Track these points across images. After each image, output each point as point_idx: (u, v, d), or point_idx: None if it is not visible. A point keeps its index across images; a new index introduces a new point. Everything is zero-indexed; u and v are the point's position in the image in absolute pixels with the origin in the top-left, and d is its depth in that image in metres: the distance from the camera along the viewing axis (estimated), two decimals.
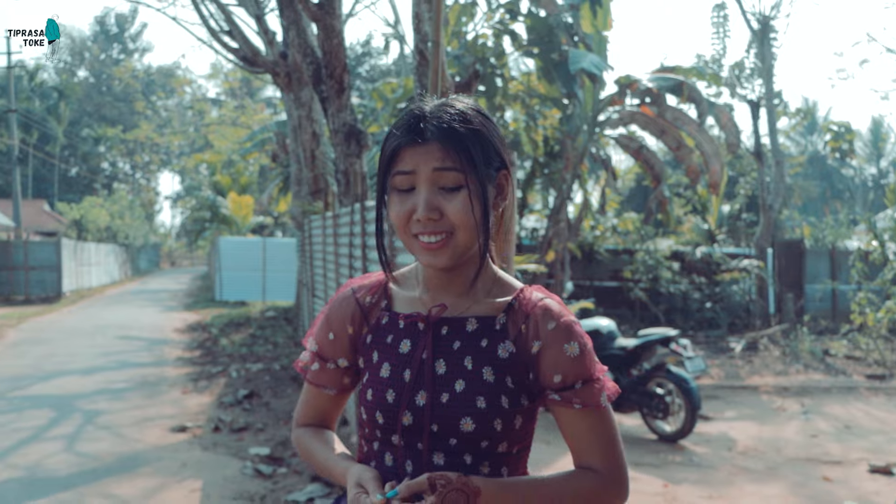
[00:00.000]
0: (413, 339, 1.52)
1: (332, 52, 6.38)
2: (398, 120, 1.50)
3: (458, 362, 1.48)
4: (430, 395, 1.46)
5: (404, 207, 1.46)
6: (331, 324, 1.61)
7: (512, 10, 15.25)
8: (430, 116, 1.46)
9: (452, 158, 1.42)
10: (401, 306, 1.58)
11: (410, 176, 1.44)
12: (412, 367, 1.49)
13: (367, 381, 1.54)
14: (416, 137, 1.44)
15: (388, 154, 1.47)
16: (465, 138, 1.44)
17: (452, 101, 1.51)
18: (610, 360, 7.71)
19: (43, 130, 46.87)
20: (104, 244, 36.17)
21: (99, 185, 57.00)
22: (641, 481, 6.13)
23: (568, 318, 1.50)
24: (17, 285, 27.47)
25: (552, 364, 1.47)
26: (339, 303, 1.62)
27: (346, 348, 1.60)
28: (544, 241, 15.69)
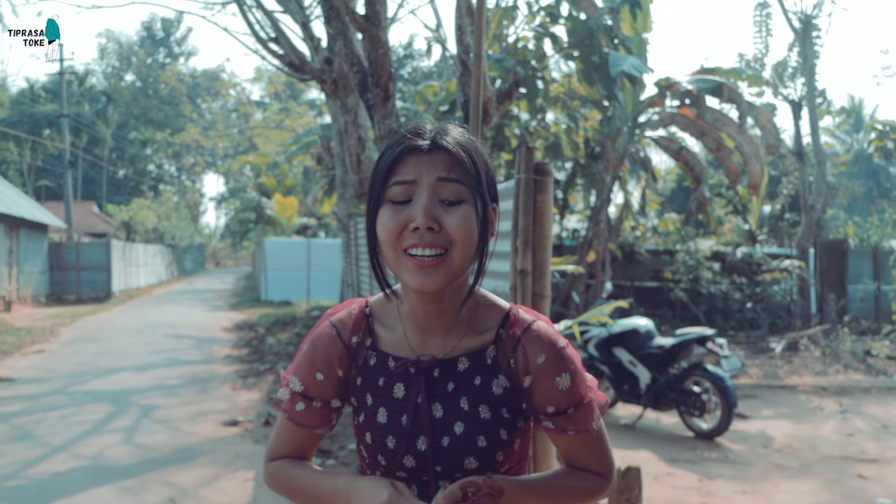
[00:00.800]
0: (406, 383, 1.49)
1: (378, 62, 6.64)
2: (397, 133, 1.46)
3: (454, 404, 1.47)
4: (430, 440, 1.45)
5: (398, 219, 1.39)
6: (316, 365, 1.54)
7: (552, 14, 15.42)
8: (439, 129, 1.44)
9: (458, 170, 1.39)
10: (386, 345, 1.53)
11: (410, 186, 1.39)
12: (408, 412, 1.47)
13: (363, 423, 1.52)
14: (421, 145, 1.40)
15: (387, 162, 1.41)
16: (472, 153, 1.42)
17: (453, 124, 1.49)
18: (648, 358, 7.89)
19: (92, 134, 47.89)
20: (151, 245, 36.92)
21: (145, 186, 58.07)
22: (677, 476, 6.31)
23: (557, 346, 1.49)
24: (69, 285, 28.21)
25: (544, 397, 1.47)
26: (324, 343, 1.55)
27: (337, 389, 1.55)
28: (585, 242, 15.85)
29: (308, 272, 24.03)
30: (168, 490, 5.61)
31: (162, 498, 5.45)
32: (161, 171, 63.29)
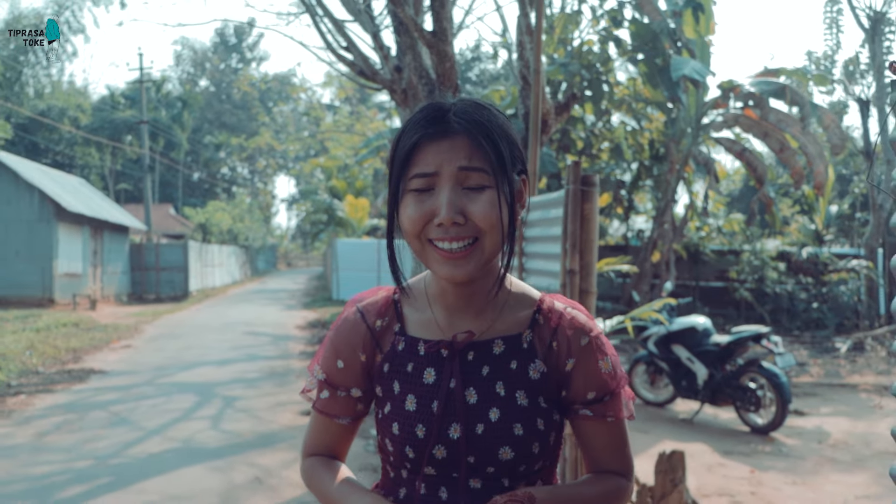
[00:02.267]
0: (437, 368, 1.42)
1: (445, 75, 7.08)
2: (414, 115, 1.38)
3: (489, 389, 1.41)
4: (463, 427, 1.38)
5: (421, 210, 1.33)
6: (339, 351, 1.50)
7: (616, 18, 15.69)
8: (456, 109, 1.35)
9: (480, 156, 1.32)
10: (415, 329, 1.47)
11: (431, 178, 1.33)
12: (440, 398, 1.40)
13: (390, 413, 1.44)
14: (440, 131, 1.33)
15: (405, 151, 1.34)
16: (494, 133, 1.34)
17: (474, 99, 1.40)
18: (705, 355, 8.17)
19: (168, 138, 49.44)
20: (226, 246, 38.07)
21: (219, 189, 59.68)
22: (729, 467, 6.60)
23: (598, 331, 1.47)
24: (149, 285, 29.36)
25: (586, 381, 1.44)
26: (347, 328, 1.50)
27: (360, 377, 1.50)
28: (649, 243, 16.08)
29: (378, 272, 24.62)
30: (253, 470, 6.14)
31: (248, 476, 5.97)
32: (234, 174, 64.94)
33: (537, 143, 5.07)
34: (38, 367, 11.05)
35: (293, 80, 62.82)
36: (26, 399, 8.86)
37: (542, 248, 4.07)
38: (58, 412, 8.20)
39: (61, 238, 23.26)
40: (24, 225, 22.62)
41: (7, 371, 10.39)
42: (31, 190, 22.73)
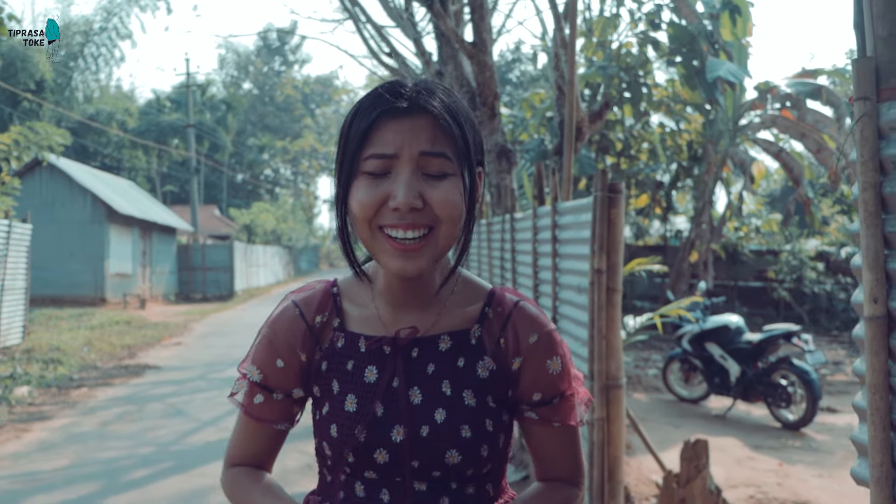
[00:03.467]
0: (379, 365, 1.33)
1: (485, 84, 7.42)
2: (372, 90, 1.27)
3: (434, 389, 1.31)
4: (407, 429, 1.29)
5: (375, 193, 1.22)
6: (277, 350, 1.37)
7: (653, 21, 15.92)
8: (420, 87, 1.26)
9: (444, 141, 1.23)
10: (356, 325, 1.38)
11: (388, 160, 1.22)
12: (382, 398, 1.30)
13: (328, 414, 1.33)
14: (402, 109, 1.22)
15: (362, 128, 1.23)
16: (460, 117, 1.27)
17: (437, 81, 1.32)
18: (737, 353, 8.41)
19: (213, 141, 50.35)
20: (270, 246, 38.76)
21: (262, 190, 60.59)
22: (758, 460, 6.85)
23: (548, 328, 1.38)
24: (196, 284, 30.06)
25: (533, 381, 1.36)
26: (284, 324, 1.38)
27: (299, 377, 1.39)
28: (687, 243, 16.27)
29: None
30: (304, 457, 6.52)
31: (300, 463, 6.36)
32: (277, 175, 65.84)
33: (571, 149, 5.39)
34: (97, 363, 11.60)
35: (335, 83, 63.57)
36: (88, 391, 9.37)
37: (573, 249, 4.39)
38: (118, 404, 8.68)
39: (112, 239, 23.99)
40: (77, 227, 23.36)
41: (69, 366, 10.94)
42: (85, 193, 23.48)
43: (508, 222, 6.86)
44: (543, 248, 5.32)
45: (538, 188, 5.27)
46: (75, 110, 40.05)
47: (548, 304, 5.00)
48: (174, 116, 45.24)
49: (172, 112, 46.75)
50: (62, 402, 8.72)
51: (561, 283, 4.70)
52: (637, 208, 18.55)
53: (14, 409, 8.30)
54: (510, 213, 6.74)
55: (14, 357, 11.25)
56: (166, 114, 46.67)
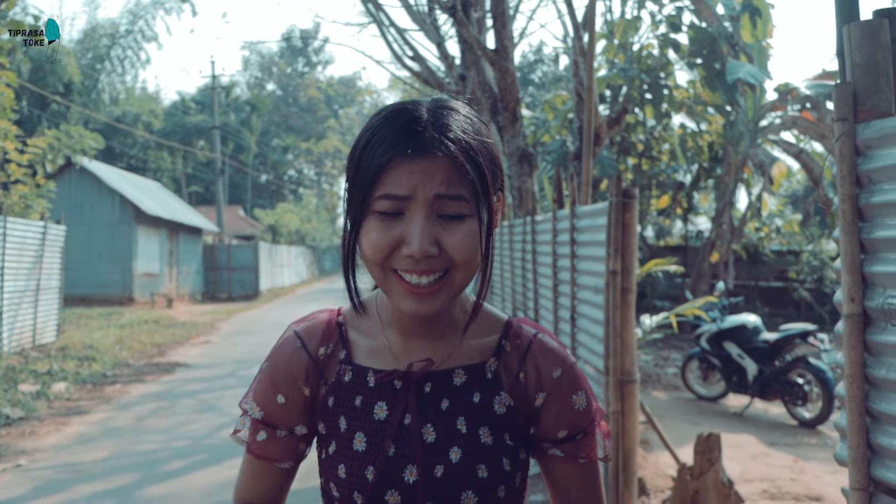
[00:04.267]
0: (390, 401, 1.25)
1: (507, 89, 7.64)
2: (382, 119, 1.17)
3: (449, 426, 1.23)
4: (420, 469, 1.22)
5: (388, 237, 1.15)
6: (278, 385, 1.30)
7: (674, 23, 16.08)
8: (435, 122, 1.15)
9: (460, 182, 1.14)
10: (364, 357, 1.30)
11: (401, 201, 1.14)
12: (393, 436, 1.23)
13: (335, 453, 1.26)
14: (416, 149, 1.13)
15: (374, 166, 1.14)
16: (478, 155, 1.17)
17: (453, 103, 1.21)
18: (755, 352, 8.58)
19: (237, 142, 50.87)
20: (294, 247, 39.17)
21: (286, 190, 61.10)
22: (773, 456, 7.03)
23: (570, 361, 1.32)
24: (221, 284, 30.47)
25: (558, 417, 1.29)
26: (285, 357, 1.31)
27: (304, 413, 1.30)
28: (708, 243, 16.40)
29: None
30: None
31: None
32: (301, 176, 66.36)
33: (590, 155, 5.60)
34: (129, 360, 11.93)
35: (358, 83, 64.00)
36: (122, 388, 9.69)
37: (590, 252, 4.60)
38: (152, 399, 8.98)
39: (140, 240, 24.42)
40: (106, 228, 23.81)
41: (102, 363, 11.27)
42: (113, 194, 23.92)
43: (529, 224, 7.07)
44: (562, 249, 5.53)
45: (557, 192, 5.48)
46: (102, 112, 40.60)
47: (566, 303, 5.21)
48: (199, 118, 45.75)
49: (197, 113, 47.26)
50: (98, 398, 9.04)
51: (579, 283, 4.91)
52: (658, 209, 18.69)
53: (53, 403, 8.62)
54: (531, 216, 6.95)
55: (50, 354, 11.60)
56: (191, 115, 47.18)
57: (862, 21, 1.94)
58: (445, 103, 1.19)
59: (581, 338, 4.81)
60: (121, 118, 42.17)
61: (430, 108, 1.17)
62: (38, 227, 12.05)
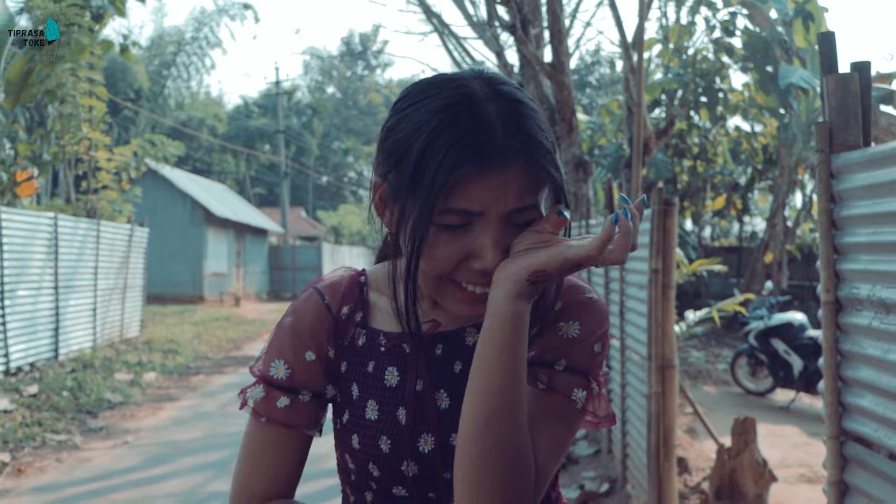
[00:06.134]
0: (401, 367, 1.18)
1: (563, 101, 8.22)
2: (441, 119, 1.02)
3: (463, 390, 1.07)
4: (436, 438, 1.15)
5: (453, 251, 1.05)
6: (305, 341, 1.19)
7: (728, 28, 16.47)
8: (506, 127, 1.02)
9: (533, 190, 1.04)
10: (380, 320, 1.22)
11: (472, 216, 1.03)
12: (406, 403, 1.16)
13: (349, 423, 1.18)
14: (490, 160, 1.00)
15: (441, 178, 1.00)
16: (552, 156, 1.06)
17: (517, 93, 1.07)
18: (801, 348, 9.00)
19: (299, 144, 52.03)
20: (355, 247, 40.06)
21: (346, 191, 62.23)
22: (813, 445, 7.45)
23: (579, 297, 1.18)
24: (285, 283, 31.46)
25: (541, 338, 1.15)
26: (310, 314, 1.20)
27: (325, 373, 1.20)
28: (762, 244, 16.72)
29: None
30: None
31: None
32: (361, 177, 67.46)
33: (639, 164, 6.16)
34: (208, 354, 12.79)
35: None
36: (205, 378, 10.50)
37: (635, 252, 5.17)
38: (233, 388, 9.75)
39: (209, 241, 25.48)
40: (177, 229, 24.89)
41: (185, 356, 12.13)
42: (185, 197, 25.01)
43: (584, 228, 7.63)
44: None
45: (609, 199, 6.04)
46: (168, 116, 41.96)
47: (616, 298, 5.77)
48: (261, 121, 46.93)
49: (259, 117, 48.47)
50: (184, 387, 9.84)
51: (627, 280, 5.47)
52: (714, 210, 19.03)
53: (146, 391, 9.45)
54: (586, 220, 7.51)
55: (137, 347, 12.51)
56: (254, 119, 48.38)
57: (837, 74, 2.51)
58: (506, 89, 1.06)
59: (628, 329, 5.37)
60: (186, 122, 43.48)
61: (495, 101, 1.04)
62: (126, 230, 12.98)
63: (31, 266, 9.84)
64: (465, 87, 1.04)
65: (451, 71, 1.11)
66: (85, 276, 11.46)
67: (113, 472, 6.05)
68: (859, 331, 2.35)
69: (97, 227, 11.74)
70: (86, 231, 11.43)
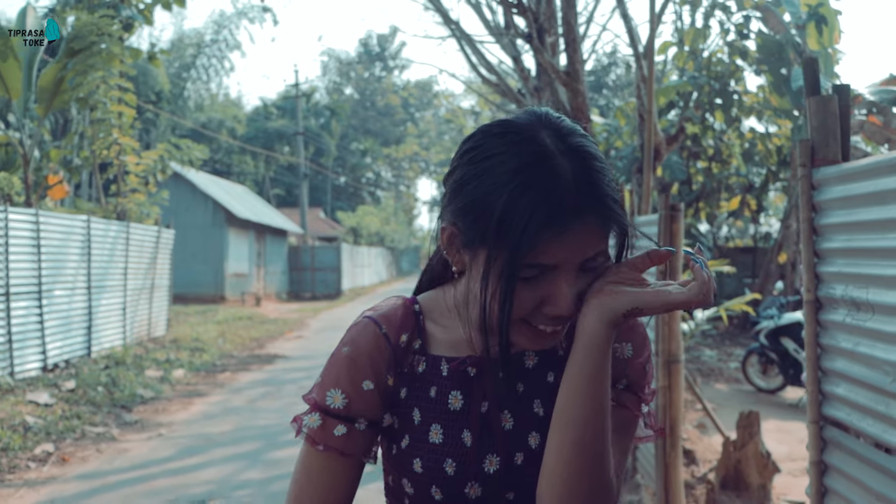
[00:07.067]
0: (465, 390, 1.20)
1: (579, 108, 8.51)
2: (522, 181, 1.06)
3: (526, 410, 1.20)
4: (500, 458, 1.18)
5: (529, 299, 1.09)
6: (364, 370, 1.20)
7: (742, 31, 16.70)
8: (582, 183, 1.06)
9: (605, 240, 1.10)
10: (439, 347, 1.24)
11: (547, 268, 1.08)
12: (471, 426, 1.19)
13: (408, 448, 1.20)
14: (569, 221, 1.05)
15: (521, 241, 1.04)
16: (618, 207, 1.11)
17: (588, 146, 1.11)
18: None
19: (317, 145, 52.47)
20: (374, 248, 40.48)
21: (364, 192, 62.66)
22: None
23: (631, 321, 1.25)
24: (305, 284, 31.84)
25: (638, 368, 1.24)
26: (368, 343, 1.21)
27: (382, 402, 1.22)
28: (776, 245, 16.94)
29: None
30: None
31: None
32: (379, 178, 67.88)
33: (650, 170, 6.45)
34: (233, 352, 13.16)
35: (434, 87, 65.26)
36: (231, 375, 10.86)
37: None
38: (259, 385, 10.10)
39: (231, 241, 25.89)
40: (199, 230, 25.30)
41: (211, 354, 12.51)
42: (206, 199, 25.44)
43: None
44: None
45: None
46: (188, 118, 42.42)
47: None
48: (280, 122, 47.35)
49: (278, 118, 48.88)
50: (212, 383, 10.21)
51: None
52: (729, 210, 19.23)
53: (175, 387, 9.82)
54: None
55: (165, 345, 12.90)
56: (273, 120, 48.78)
57: (818, 96, 2.81)
58: (581, 148, 1.09)
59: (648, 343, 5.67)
60: (206, 124, 43.89)
61: (568, 156, 1.07)
62: (153, 231, 13.38)
63: (66, 267, 10.26)
64: (538, 144, 1.08)
65: (511, 115, 1.18)
66: (115, 276, 11.87)
67: (151, 462, 6.41)
68: (835, 326, 2.64)
69: (127, 229, 12.14)
70: (116, 233, 11.83)
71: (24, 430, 7.01)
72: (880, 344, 2.36)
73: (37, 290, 9.45)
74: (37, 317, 9.42)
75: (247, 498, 5.53)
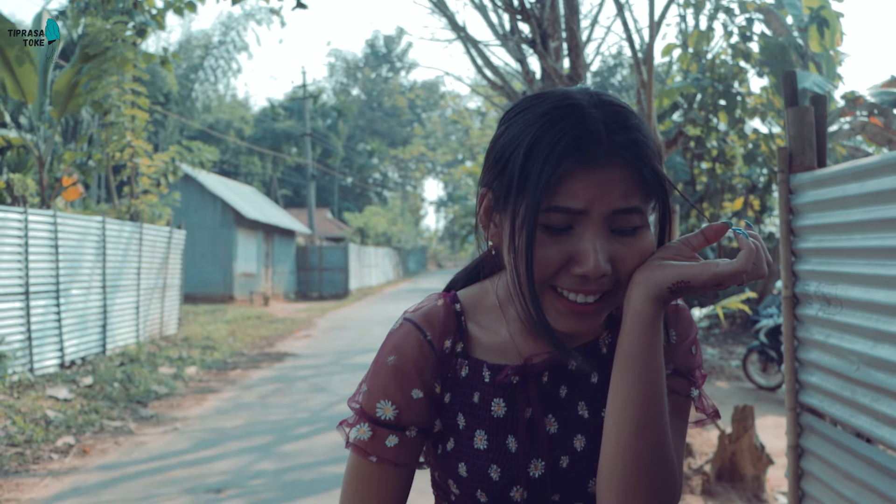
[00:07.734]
0: (508, 396, 1.16)
1: None
2: (547, 119, 1.03)
3: (570, 414, 1.16)
4: (546, 462, 1.15)
5: (555, 254, 1.03)
6: (411, 378, 1.16)
7: (745, 34, 16.91)
8: (612, 126, 1.02)
9: (637, 192, 1.02)
10: (482, 351, 1.20)
11: (574, 215, 1.02)
12: (516, 432, 1.15)
13: (453, 451, 1.18)
14: (596, 156, 1.00)
15: (546, 175, 1.00)
16: (655, 158, 1.04)
17: (616, 99, 1.08)
18: None
19: (325, 146, 52.73)
20: (380, 248, 40.72)
21: (371, 193, 62.93)
22: None
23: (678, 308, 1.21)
24: (313, 284, 32.09)
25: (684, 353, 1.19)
26: (412, 350, 1.17)
27: (431, 408, 1.19)
28: (777, 245, 17.13)
29: None
30: None
31: None
32: (386, 179, 68.14)
33: None
34: (243, 350, 13.42)
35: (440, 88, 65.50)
36: (242, 372, 11.11)
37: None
38: (269, 382, 10.35)
39: (239, 242, 26.16)
40: (208, 231, 25.57)
41: (222, 352, 12.77)
42: (215, 200, 25.71)
43: None
44: None
45: None
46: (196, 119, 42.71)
47: None
48: (287, 123, 47.60)
49: (285, 119, 49.14)
50: (224, 380, 10.46)
51: None
52: (733, 211, 19.41)
53: (188, 383, 10.07)
54: None
55: (176, 343, 13.16)
56: (280, 121, 49.03)
57: (795, 107, 3.03)
58: (611, 99, 1.07)
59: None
60: (213, 125, 44.19)
61: (599, 105, 1.04)
62: (165, 232, 13.65)
63: (82, 266, 10.53)
64: (571, 96, 1.05)
65: None
66: (129, 275, 12.14)
67: (168, 454, 6.66)
68: (810, 320, 2.87)
69: (140, 230, 12.41)
70: (130, 234, 12.10)
71: (45, 424, 7.27)
72: (847, 336, 2.59)
73: (55, 290, 9.73)
74: (55, 315, 9.69)
75: (261, 487, 5.77)
